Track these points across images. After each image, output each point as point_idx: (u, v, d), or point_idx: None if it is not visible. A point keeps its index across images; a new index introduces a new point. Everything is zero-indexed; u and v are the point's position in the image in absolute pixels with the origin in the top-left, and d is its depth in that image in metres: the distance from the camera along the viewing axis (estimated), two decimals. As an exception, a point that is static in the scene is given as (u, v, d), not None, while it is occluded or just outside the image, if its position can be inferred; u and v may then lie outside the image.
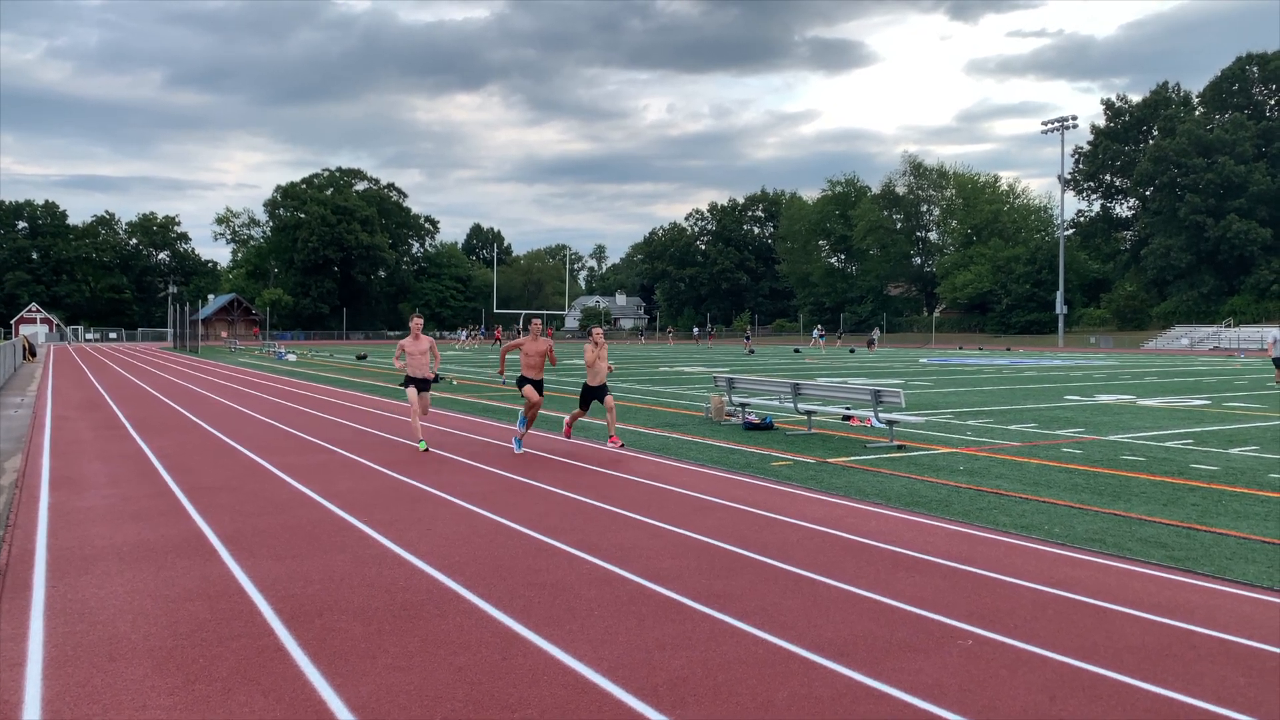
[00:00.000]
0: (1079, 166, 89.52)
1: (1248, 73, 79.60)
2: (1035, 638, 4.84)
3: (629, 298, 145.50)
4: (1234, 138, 74.83)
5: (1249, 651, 4.67)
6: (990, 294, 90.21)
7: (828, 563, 6.34)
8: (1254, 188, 73.34)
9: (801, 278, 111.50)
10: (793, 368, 35.89)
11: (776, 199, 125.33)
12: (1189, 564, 6.39)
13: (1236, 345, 62.65)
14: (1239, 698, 4.09)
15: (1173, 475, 9.96)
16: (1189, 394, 21.60)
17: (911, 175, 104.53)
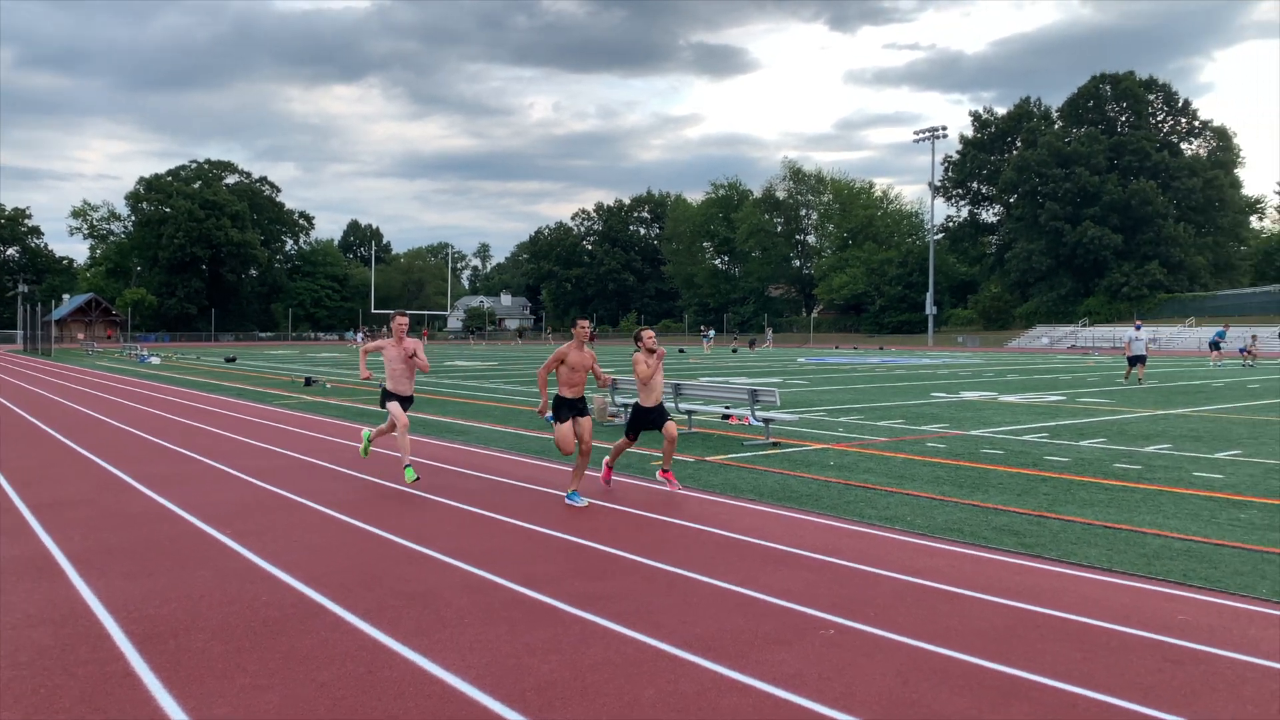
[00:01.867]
0: (948, 174, 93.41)
1: (1101, 91, 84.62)
2: (893, 625, 5.03)
3: (514, 298, 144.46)
4: (1089, 150, 79.43)
5: (1086, 629, 4.97)
6: (865, 295, 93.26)
7: (701, 560, 6.44)
8: (1107, 197, 77.98)
9: (686, 279, 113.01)
10: (676, 368, 36.29)
11: (662, 200, 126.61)
12: (1038, 550, 6.75)
13: (1091, 344, 66.51)
14: (1074, 671, 4.34)
15: (1028, 467, 10.51)
16: (1046, 390, 22.82)
17: (791, 180, 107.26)
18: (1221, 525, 7.51)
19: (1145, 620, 5.11)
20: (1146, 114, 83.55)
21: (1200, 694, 4.10)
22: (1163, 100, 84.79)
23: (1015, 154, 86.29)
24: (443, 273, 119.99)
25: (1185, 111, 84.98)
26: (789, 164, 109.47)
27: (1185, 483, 9.45)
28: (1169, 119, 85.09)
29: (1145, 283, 77.44)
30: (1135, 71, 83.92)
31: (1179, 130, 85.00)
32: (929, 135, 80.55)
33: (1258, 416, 16.27)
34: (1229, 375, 29.98)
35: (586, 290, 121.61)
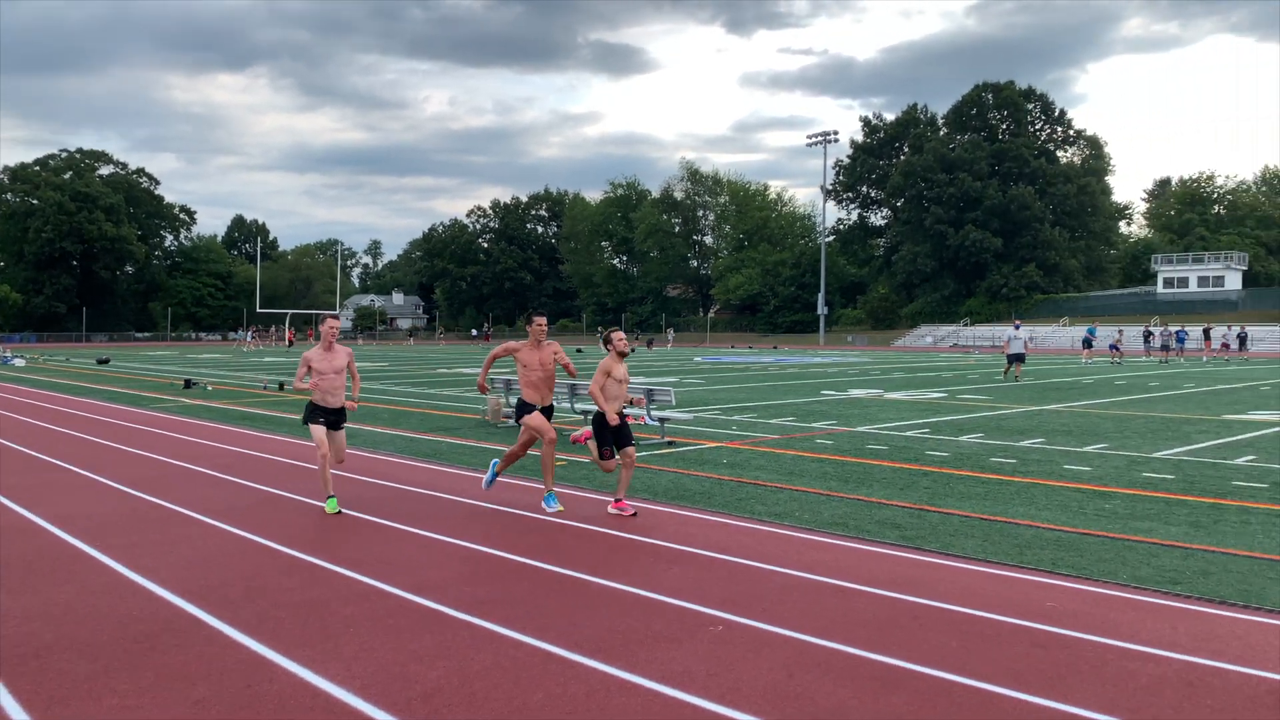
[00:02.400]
0: (839, 178, 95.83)
1: (984, 99, 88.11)
2: (780, 619, 5.13)
3: (407, 297, 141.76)
4: (972, 157, 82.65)
5: (962, 618, 5.17)
6: (760, 296, 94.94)
7: (593, 561, 6.45)
8: (988, 202, 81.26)
9: (585, 278, 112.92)
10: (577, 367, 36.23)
11: (560, 199, 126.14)
12: (919, 542, 6.99)
13: (972, 343, 69.23)
14: (950, 659, 4.52)
15: (910, 462, 10.87)
16: (929, 387, 23.65)
17: (689, 181, 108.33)
18: (1088, 515, 7.92)
19: (1017, 607, 5.35)
20: (1025, 122, 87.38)
21: (1065, 677, 4.31)
22: (1040, 109, 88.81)
23: (903, 159, 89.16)
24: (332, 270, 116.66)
25: (1061, 121, 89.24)
26: (687, 165, 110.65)
27: (1056, 475, 9.93)
28: (1046, 127, 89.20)
29: (1023, 284, 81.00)
30: (1015, 81, 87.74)
31: (1055, 139, 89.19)
32: (821, 139, 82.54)
33: (1123, 411, 17.21)
34: (1098, 372, 31.63)
35: (482, 289, 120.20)
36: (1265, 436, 13.29)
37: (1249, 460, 10.95)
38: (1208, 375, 29.67)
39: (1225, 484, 9.38)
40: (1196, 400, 19.63)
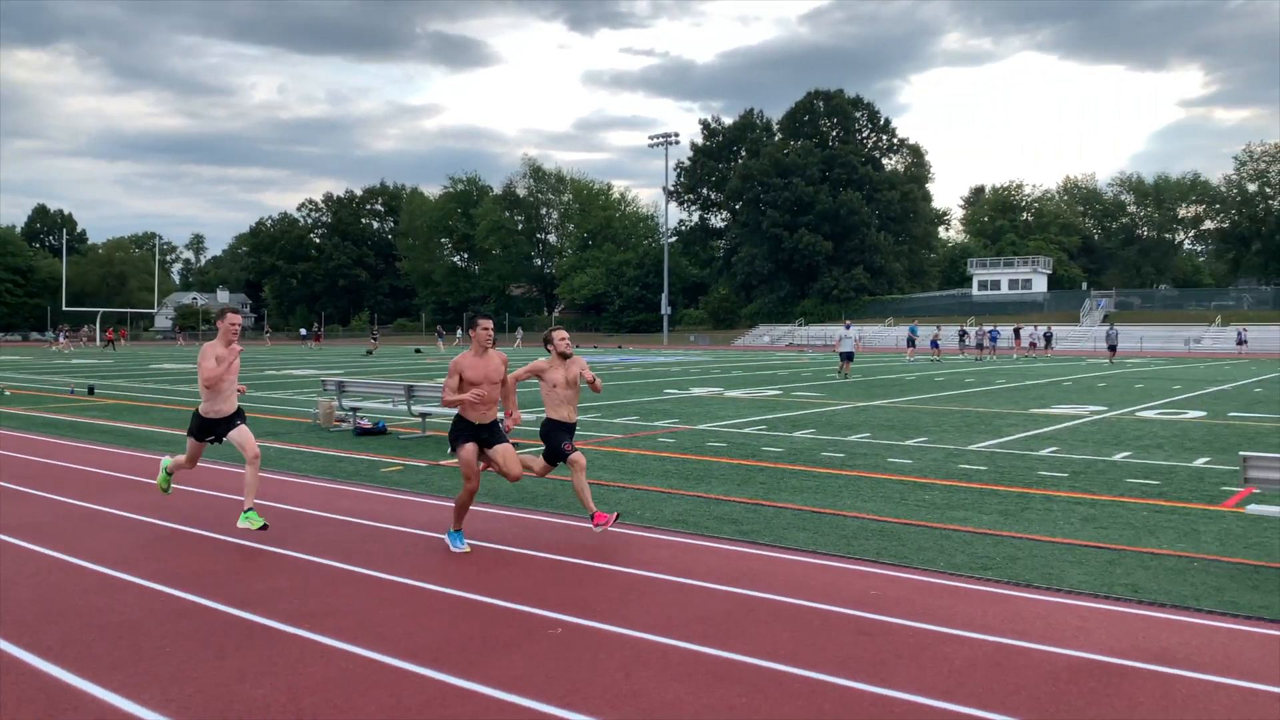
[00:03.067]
0: (681, 180, 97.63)
1: (816, 106, 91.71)
2: (620, 619, 5.18)
3: (232, 294, 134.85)
4: (805, 162, 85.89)
5: (793, 609, 5.36)
6: (605, 296, 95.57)
7: (428, 568, 6.32)
8: (820, 206, 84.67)
9: (423, 276, 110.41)
10: (412, 368, 35.41)
11: (397, 193, 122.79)
12: (754, 536, 7.20)
13: (806, 342, 72.03)
14: (782, 650, 4.68)
15: (747, 458, 11.20)
16: (766, 385, 24.44)
17: (532, 178, 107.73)
18: (910, 506, 8.37)
19: (843, 597, 5.60)
20: (854, 130, 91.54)
21: (887, 662, 4.54)
22: (867, 118, 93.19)
23: (740, 163, 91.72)
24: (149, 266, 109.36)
25: (886, 129, 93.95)
26: (529, 161, 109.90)
27: (881, 468, 10.44)
28: (873, 135, 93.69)
29: (852, 286, 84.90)
30: (845, 90, 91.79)
31: (881, 147, 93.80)
32: (663, 141, 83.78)
33: (942, 406, 18.28)
34: (920, 369, 33.50)
35: (314, 287, 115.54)
36: (1066, 429, 14.41)
37: (1052, 451, 11.85)
38: (1018, 371, 31.92)
39: (1031, 474, 10.11)
40: (1007, 395, 21.09)
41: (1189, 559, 6.55)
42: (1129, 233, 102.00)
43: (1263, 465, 6.45)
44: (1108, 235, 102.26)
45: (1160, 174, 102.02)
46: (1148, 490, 9.16)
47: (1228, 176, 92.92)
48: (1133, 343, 54.98)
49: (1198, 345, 56.91)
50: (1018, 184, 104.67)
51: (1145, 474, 10.10)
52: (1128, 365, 36.80)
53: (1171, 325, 63.65)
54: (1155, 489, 9.22)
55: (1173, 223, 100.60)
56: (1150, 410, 17.41)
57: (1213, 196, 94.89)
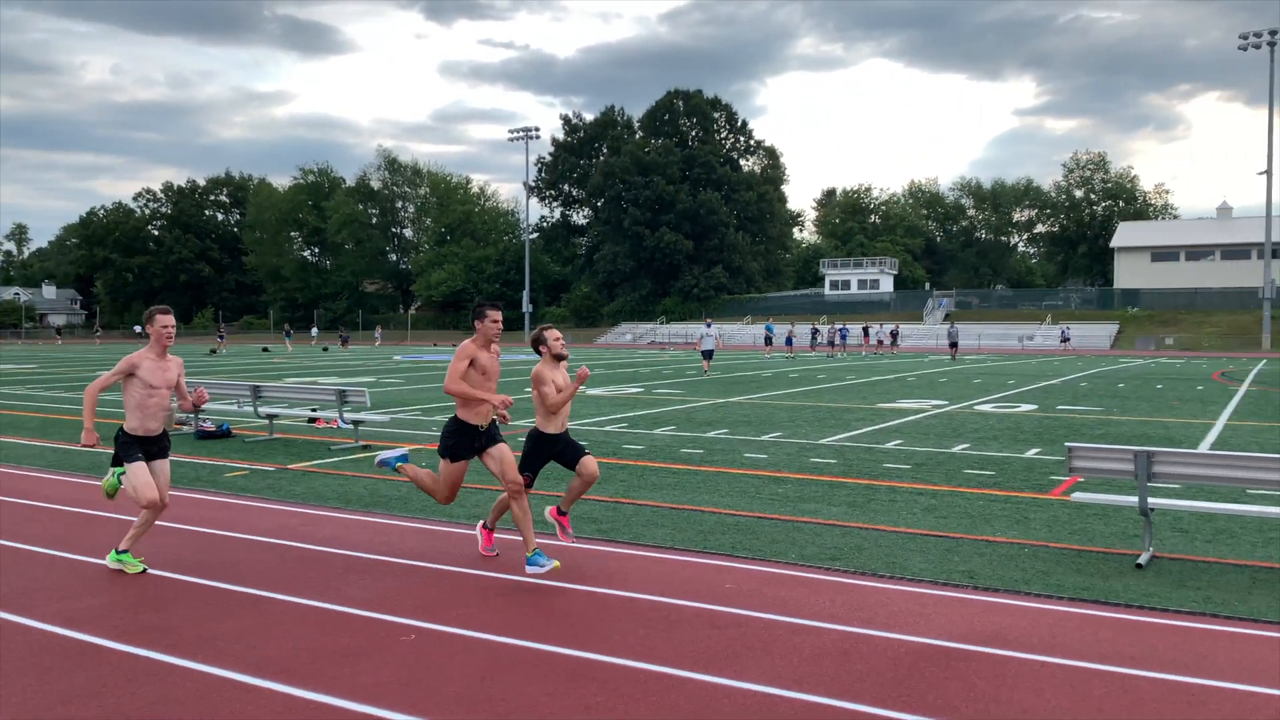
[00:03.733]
0: (542, 175, 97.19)
1: (675, 105, 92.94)
2: (476, 623, 5.11)
3: (60, 290, 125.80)
4: (665, 161, 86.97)
5: (650, 605, 5.41)
6: (464, 292, 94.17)
7: (278, 577, 6.06)
8: (680, 206, 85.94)
9: (272, 271, 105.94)
10: (259, 368, 33.99)
11: (244, 184, 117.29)
12: (613, 534, 7.24)
13: (668, 340, 73.01)
14: (638, 647, 4.71)
15: (608, 456, 11.24)
16: (628, 383, 24.63)
17: (387, 170, 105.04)
18: (764, 500, 8.59)
19: (698, 592, 5.69)
20: (713, 130, 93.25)
21: (740, 654, 4.64)
22: (725, 119, 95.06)
23: (602, 160, 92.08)
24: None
25: (743, 131, 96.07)
26: (385, 153, 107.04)
27: (737, 463, 10.68)
28: (731, 136, 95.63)
29: (712, 285, 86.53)
30: (703, 90, 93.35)
31: (739, 147, 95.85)
32: (523, 135, 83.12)
33: (795, 402, 18.86)
34: (776, 367, 34.47)
35: (153, 282, 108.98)
36: (910, 423, 15.10)
37: (897, 444, 12.39)
38: (866, 368, 33.27)
39: (878, 466, 10.55)
40: (856, 391, 21.94)
41: (1020, 545, 6.97)
42: (969, 235, 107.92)
43: (1085, 455, 6.92)
44: (949, 237, 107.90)
45: (997, 179, 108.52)
46: (984, 480, 9.70)
47: (1057, 183, 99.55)
48: (972, 340, 58.16)
49: (1030, 342, 60.72)
50: (867, 187, 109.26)
51: (982, 465, 10.69)
52: (967, 362, 38.90)
53: (1007, 324, 67.64)
54: (991, 479, 9.76)
55: (1008, 226, 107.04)
56: (987, 404, 18.45)
57: (1044, 201, 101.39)
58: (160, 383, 6.24)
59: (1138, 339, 59.84)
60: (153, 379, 6.18)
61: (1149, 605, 5.46)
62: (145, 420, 6.17)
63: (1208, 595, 5.66)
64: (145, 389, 6.15)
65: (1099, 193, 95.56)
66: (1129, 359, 42.49)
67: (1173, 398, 20.06)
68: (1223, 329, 59.43)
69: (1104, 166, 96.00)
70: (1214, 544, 6.98)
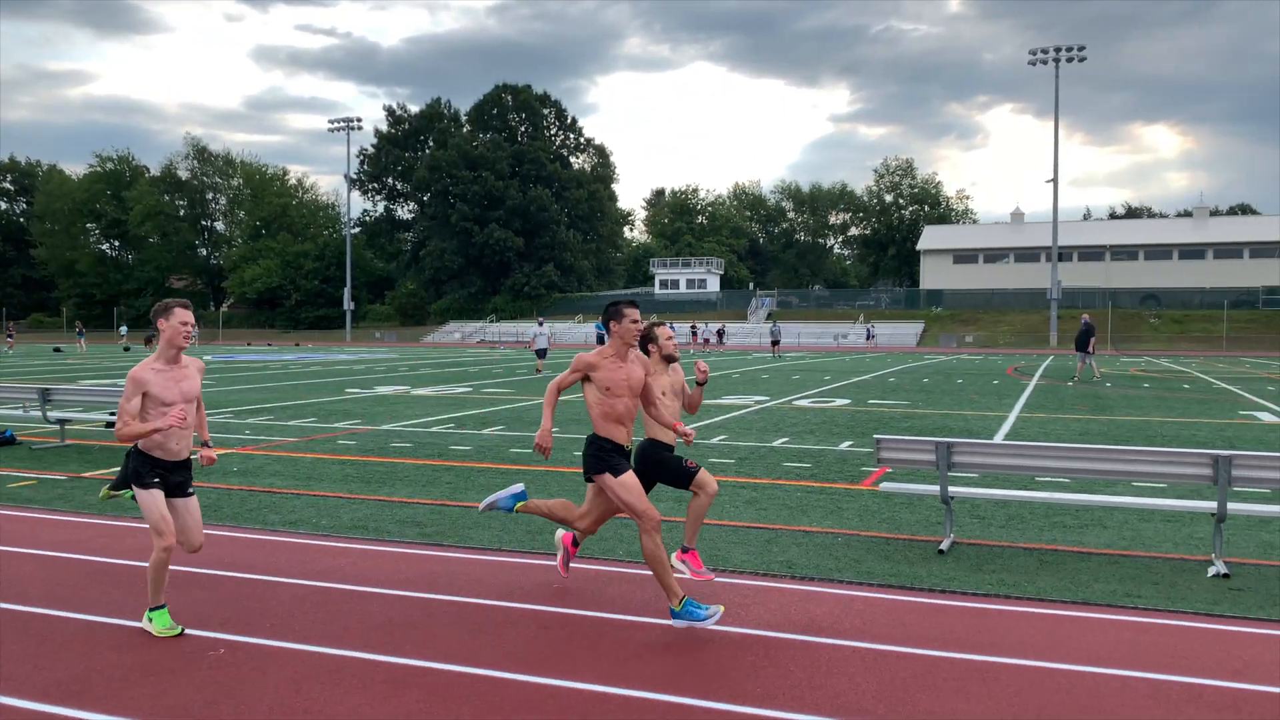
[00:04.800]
0: (364, 168, 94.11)
1: (504, 100, 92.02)
2: (290, 633, 4.87)
3: None
4: (494, 156, 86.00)
5: (476, 609, 5.32)
6: (280, 289, 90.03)
7: (68, 595, 5.59)
8: (510, 202, 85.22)
9: (65, 265, 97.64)
10: (49, 370, 31.32)
11: (31, 170, 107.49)
12: (438, 538, 7.08)
13: (498, 338, 72.28)
14: (462, 651, 4.62)
15: (434, 458, 11.00)
16: (456, 382, 24.21)
17: (196, 160, 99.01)
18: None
19: (527, 593, 5.65)
20: (542, 126, 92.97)
21: (566, 653, 4.64)
22: (555, 115, 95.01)
23: (428, 153, 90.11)
24: None
25: (573, 128, 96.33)
26: (193, 141, 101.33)
27: (567, 462, 10.67)
28: (561, 133, 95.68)
29: (543, 283, 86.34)
30: (532, 86, 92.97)
31: (569, 145, 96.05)
32: (344, 125, 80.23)
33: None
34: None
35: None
36: (734, 418, 15.56)
37: (721, 439, 12.73)
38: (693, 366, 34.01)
39: (703, 461, 10.78)
40: (683, 388, 22.39)
41: (834, 535, 7.30)
42: (789, 237, 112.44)
43: (892, 447, 7.32)
44: (771, 239, 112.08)
45: (814, 183, 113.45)
46: (801, 473, 10.11)
47: (869, 187, 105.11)
48: (792, 338, 60.60)
49: (845, 340, 63.87)
50: (694, 188, 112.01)
51: (799, 458, 11.14)
52: (788, 359, 40.49)
53: (824, 323, 70.90)
54: (808, 471, 10.19)
55: (825, 229, 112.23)
56: (805, 399, 19.25)
57: (857, 205, 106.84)
58: (176, 397, 4.92)
59: (941, 337, 64.04)
60: (165, 393, 4.88)
61: (949, 589, 5.84)
62: (165, 440, 4.93)
63: (1001, 578, 6.10)
64: (159, 409, 4.87)
65: (906, 198, 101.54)
66: (933, 355, 45.39)
67: (972, 392, 21.56)
68: (1016, 327, 64.45)
69: (911, 172, 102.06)
70: (1007, 529, 7.54)
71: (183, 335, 4.94)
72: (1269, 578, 6.10)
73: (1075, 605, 5.52)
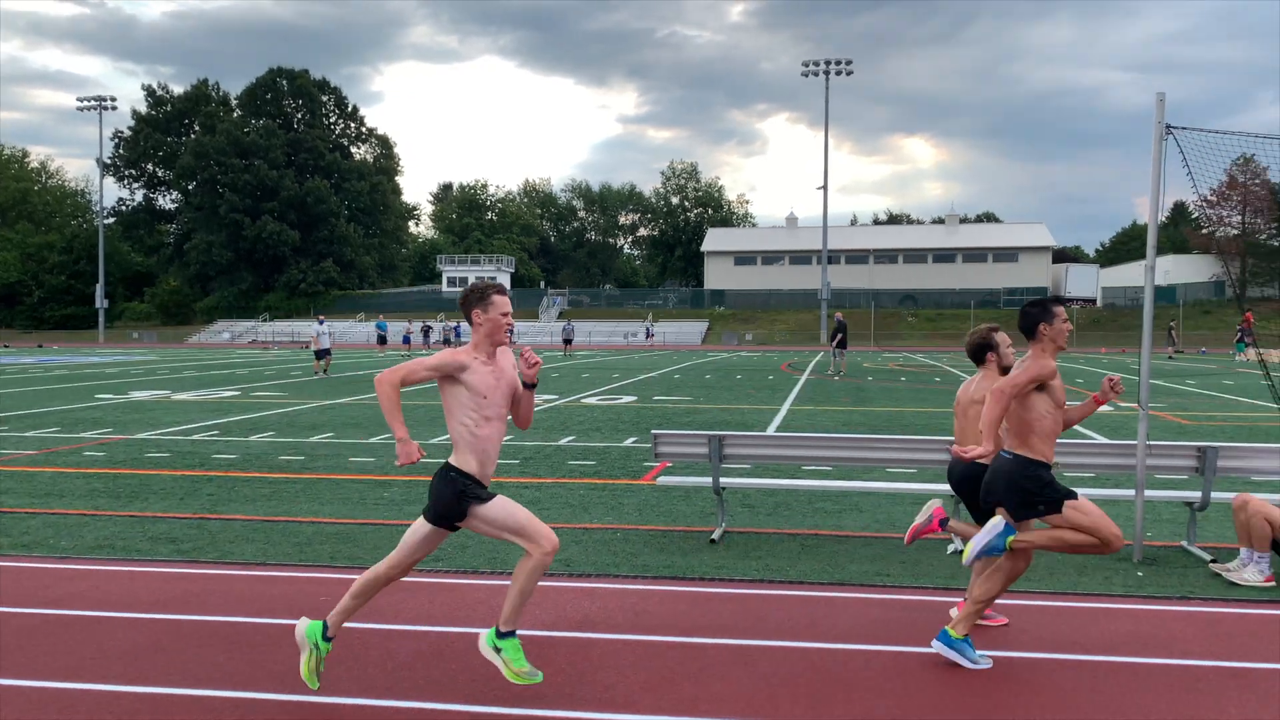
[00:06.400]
0: (120, 152, 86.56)
1: (279, 85, 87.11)
2: (13, 670, 4.40)
3: None
4: (268, 144, 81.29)
5: (234, 628, 5.00)
6: (20, 285, 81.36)
7: None
8: (285, 193, 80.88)
9: None
10: None
11: None
12: (196, 554, 6.61)
13: (272, 338, 68.49)
14: (218, 675, 4.33)
15: (194, 468, 10.27)
16: (222, 386, 22.73)
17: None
18: (368, 505, 8.34)
19: (290, 608, 5.36)
20: (321, 114, 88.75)
21: (330, 668, 4.44)
22: (335, 103, 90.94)
23: (194, 138, 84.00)
24: None
25: (355, 117, 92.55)
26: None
27: (342, 469, 10.27)
28: (341, 122, 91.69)
29: (321, 280, 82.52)
30: (310, 71, 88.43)
31: (349, 134, 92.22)
32: (97, 105, 73.39)
33: (407, 402, 18.55)
34: (390, 364, 33.70)
35: None
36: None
37: (507, 440, 12.59)
38: (480, 365, 33.61)
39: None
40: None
41: (614, 530, 7.41)
42: (580, 236, 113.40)
43: (669, 441, 7.52)
44: (562, 238, 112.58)
45: (604, 183, 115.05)
46: (585, 470, 10.21)
47: (657, 189, 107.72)
48: (584, 337, 61.20)
49: (634, 339, 65.18)
50: (483, 183, 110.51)
51: (584, 455, 11.25)
52: (579, 357, 40.84)
53: (614, 321, 72.01)
54: (592, 469, 10.30)
55: (615, 228, 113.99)
56: (593, 397, 19.48)
57: (645, 206, 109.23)
58: (500, 398, 4.20)
59: (723, 335, 66.69)
60: (486, 388, 4.13)
61: (719, 577, 6.07)
62: (484, 465, 4.14)
63: (766, 563, 6.41)
64: (478, 407, 4.11)
65: (692, 200, 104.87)
66: (715, 353, 47.17)
67: (749, 387, 22.57)
68: (791, 325, 68.10)
69: (696, 176, 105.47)
70: (773, 516, 7.93)
71: (502, 329, 4.17)
72: (998, 552, 6.74)
73: (832, 586, 5.88)
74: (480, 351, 4.15)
